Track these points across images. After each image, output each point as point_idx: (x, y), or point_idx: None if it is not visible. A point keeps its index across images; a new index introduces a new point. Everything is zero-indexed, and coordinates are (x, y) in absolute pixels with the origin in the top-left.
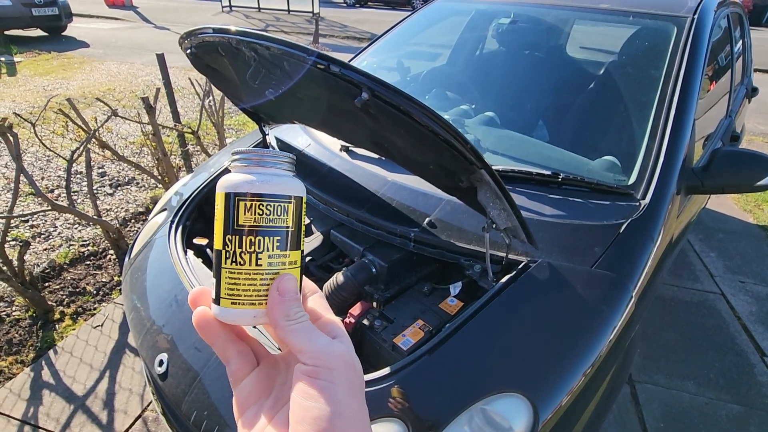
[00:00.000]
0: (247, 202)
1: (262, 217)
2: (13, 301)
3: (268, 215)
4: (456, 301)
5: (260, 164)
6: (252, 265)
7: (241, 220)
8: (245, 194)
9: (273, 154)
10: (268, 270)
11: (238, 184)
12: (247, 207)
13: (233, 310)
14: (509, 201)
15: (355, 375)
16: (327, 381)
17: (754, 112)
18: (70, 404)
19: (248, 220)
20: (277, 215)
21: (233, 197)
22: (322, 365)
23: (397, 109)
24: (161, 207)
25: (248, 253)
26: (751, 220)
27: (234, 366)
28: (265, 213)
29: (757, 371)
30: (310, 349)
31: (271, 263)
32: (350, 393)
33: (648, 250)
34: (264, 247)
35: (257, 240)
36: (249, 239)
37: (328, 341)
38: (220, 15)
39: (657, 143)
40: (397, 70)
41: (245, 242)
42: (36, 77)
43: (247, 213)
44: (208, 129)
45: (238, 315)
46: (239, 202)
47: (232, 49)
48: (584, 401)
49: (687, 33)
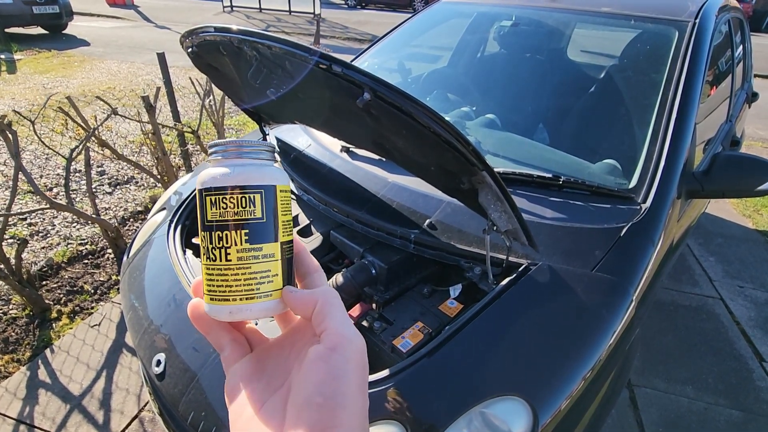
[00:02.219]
0: (211, 197)
1: (227, 210)
2: (10, 300)
3: (233, 208)
4: (456, 304)
5: (226, 155)
6: (222, 261)
7: (209, 216)
8: (209, 189)
9: (238, 144)
10: (238, 265)
11: (205, 179)
12: (212, 202)
13: (213, 305)
14: (510, 203)
15: (364, 371)
16: (339, 370)
17: (754, 117)
18: (66, 404)
19: (215, 215)
20: (242, 207)
21: (202, 193)
22: (340, 351)
23: (399, 110)
24: (160, 206)
25: (218, 249)
26: (751, 224)
27: (227, 352)
28: (229, 206)
29: (756, 376)
30: (336, 331)
31: (241, 257)
32: (357, 387)
33: (648, 254)
34: (231, 241)
35: (224, 235)
36: (216, 234)
37: (356, 331)
38: (221, 15)
39: (658, 147)
40: (398, 72)
41: (214, 238)
42: (36, 75)
43: (213, 208)
44: (209, 128)
45: (218, 311)
46: (206, 198)
47: (233, 48)
48: (584, 405)
49: (688, 37)
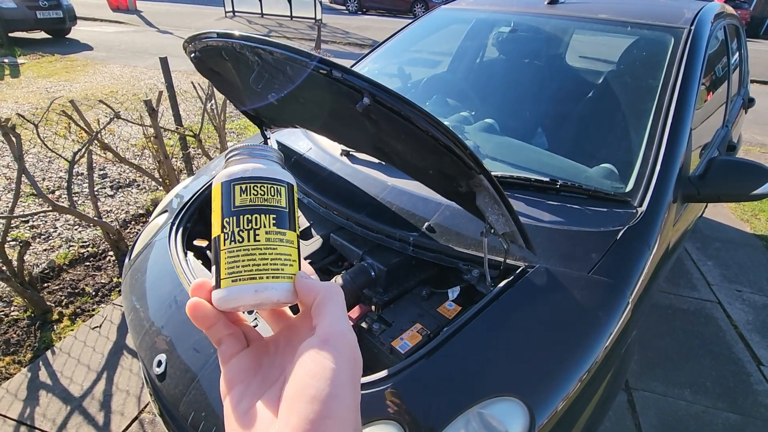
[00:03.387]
0: (242, 185)
1: (257, 196)
2: (12, 301)
3: (263, 195)
4: (454, 306)
5: (252, 155)
6: (250, 241)
7: (237, 202)
8: (240, 179)
9: (262, 147)
10: (266, 245)
11: (233, 172)
12: (243, 189)
13: (234, 287)
14: (507, 206)
15: (356, 364)
16: (331, 362)
17: (751, 123)
18: (67, 405)
19: (244, 200)
20: (271, 195)
21: (229, 184)
22: (332, 343)
23: (398, 114)
24: (162, 209)
25: (246, 231)
26: (748, 229)
27: (224, 347)
28: (260, 193)
29: (754, 380)
30: (329, 325)
31: (269, 239)
32: (349, 379)
33: (644, 257)
34: (261, 223)
35: (254, 217)
36: (246, 218)
37: (349, 327)
38: (223, 20)
39: (654, 152)
40: (398, 77)
41: (242, 221)
42: (39, 79)
43: (243, 195)
44: (210, 132)
45: (240, 292)
46: (235, 187)
47: (235, 53)
48: (580, 406)
49: (684, 44)
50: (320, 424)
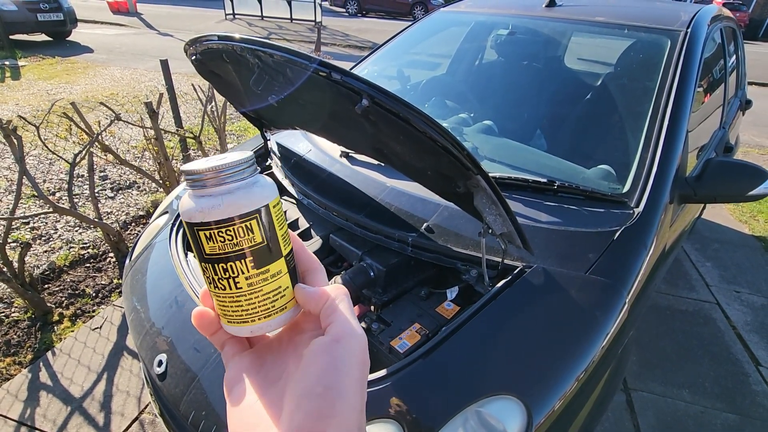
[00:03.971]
0: (206, 232)
1: (226, 243)
2: (13, 303)
3: (231, 240)
4: (452, 306)
5: (209, 184)
6: (232, 289)
7: (207, 250)
8: (200, 224)
9: (219, 170)
10: (250, 291)
11: (192, 213)
12: (208, 237)
13: (230, 327)
14: (505, 207)
15: (364, 366)
16: (341, 362)
17: (750, 125)
18: (67, 406)
19: (213, 248)
20: (241, 237)
21: (193, 228)
22: (343, 343)
23: (396, 116)
24: (162, 210)
25: (225, 279)
26: (747, 230)
27: (227, 348)
28: (227, 239)
29: (752, 380)
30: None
31: (251, 283)
32: (357, 380)
33: (641, 257)
34: (237, 271)
35: (229, 266)
36: (221, 266)
37: (359, 327)
38: (223, 23)
39: (651, 153)
40: (397, 79)
41: (219, 270)
42: (40, 81)
43: (209, 242)
44: (210, 134)
45: (237, 331)
46: (199, 233)
47: (236, 56)
48: (577, 405)
49: (680, 46)
50: (325, 423)
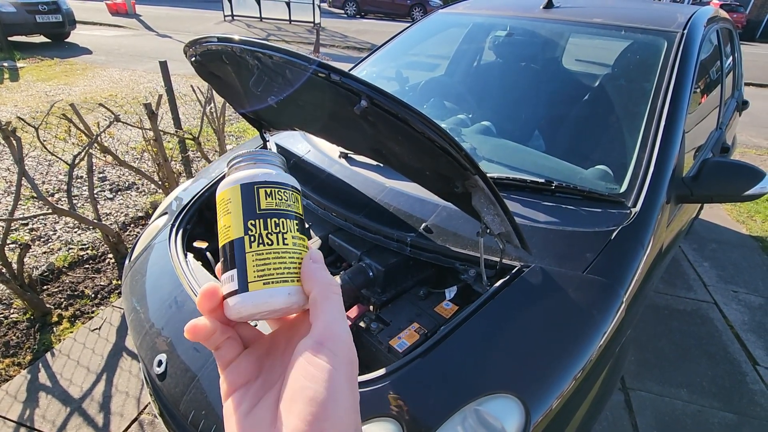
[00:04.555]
0: (267, 189)
1: (282, 202)
2: (12, 304)
3: (286, 201)
4: (451, 305)
5: (265, 161)
6: (280, 244)
7: (263, 205)
8: (264, 183)
9: (273, 154)
10: (294, 250)
11: (256, 175)
12: (268, 193)
13: (266, 290)
14: (503, 207)
15: (353, 366)
16: (329, 363)
17: (747, 126)
18: (67, 407)
19: (270, 204)
20: (292, 202)
21: (252, 186)
22: (328, 345)
23: (395, 117)
24: (162, 211)
25: (275, 234)
26: (744, 230)
27: (222, 351)
28: (284, 199)
29: (750, 380)
30: (326, 325)
31: (295, 243)
32: (346, 380)
33: (638, 257)
34: (288, 228)
35: (281, 222)
36: (274, 221)
37: (345, 327)
38: (222, 24)
39: (647, 153)
40: (396, 80)
41: (270, 224)
42: (38, 83)
43: (268, 198)
44: (209, 135)
45: (272, 294)
46: (259, 190)
47: (235, 57)
48: (575, 404)
49: (677, 47)
50: (318, 427)
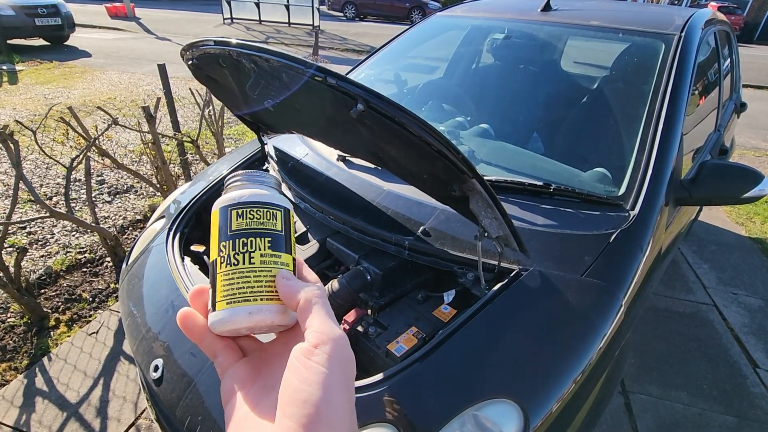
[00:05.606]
0: (238, 210)
1: (253, 220)
2: (9, 308)
3: (258, 218)
4: (449, 309)
5: (249, 181)
6: (245, 264)
7: (234, 226)
8: (237, 204)
9: (260, 174)
10: (261, 268)
11: (231, 198)
12: (239, 214)
13: (229, 310)
14: (500, 210)
15: (348, 367)
16: (322, 366)
17: (745, 127)
18: (63, 411)
19: (240, 224)
20: (266, 219)
21: (226, 209)
22: (322, 347)
23: (392, 120)
24: (159, 214)
25: (241, 253)
26: (743, 232)
27: (221, 358)
28: (256, 217)
29: (750, 382)
30: (318, 329)
31: (264, 261)
32: (340, 382)
33: (637, 260)
34: (256, 246)
35: (249, 240)
36: (241, 241)
37: (338, 328)
38: (221, 27)
39: (646, 156)
40: (394, 83)
41: (238, 244)
42: (37, 86)
43: (239, 219)
44: (208, 138)
45: (234, 314)
46: (231, 212)
47: (232, 60)
48: (574, 408)
49: (674, 50)
50: (313, 428)
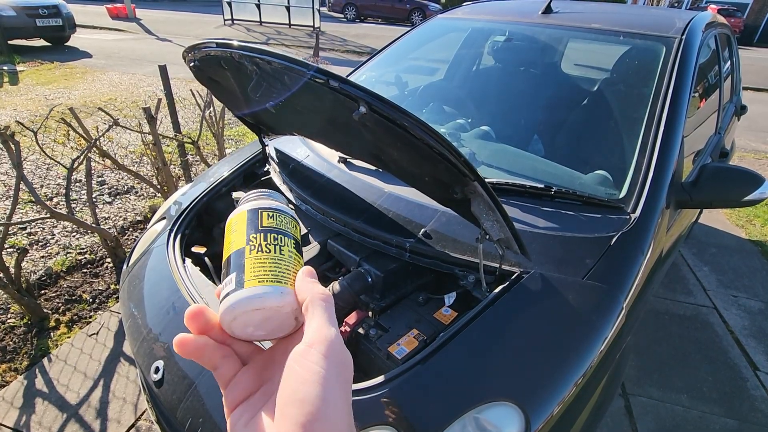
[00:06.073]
0: (269, 212)
1: (282, 223)
2: (9, 309)
3: (285, 223)
4: (450, 311)
5: (272, 197)
6: (276, 253)
7: (265, 223)
8: (267, 208)
9: (279, 195)
10: (289, 260)
11: (261, 203)
12: (269, 215)
13: (261, 286)
14: (502, 212)
15: (343, 366)
16: (317, 364)
17: (746, 130)
18: (63, 413)
19: (271, 223)
20: (290, 227)
21: (258, 211)
22: (318, 347)
23: (393, 123)
24: (160, 215)
25: (272, 245)
26: (744, 235)
27: (221, 370)
28: (283, 221)
29: (750, 385)
30: (314, 329)
31: (291, 256)
32: (338, 380)
33: (638, 262)
34: (285, 243)
35: (279, 236)
36: (272, 235)
37: (334, 329)
38: (222, 28)
39: (647, 158)
40: (395, 85)
41: (269, 237)
42: (38, 86)
43: (269, 219)
44: (208, 139)
45: (266, 291)
46: (262, 213)
47: (234, 62)
48: (576, 411)
49: (675, 53)
50: (311, 427)
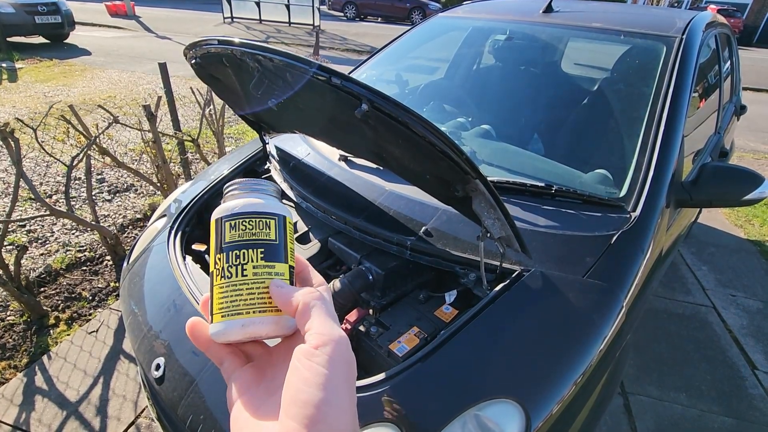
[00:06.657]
0: (231, 222)
1: (245, 231)
2: (8, 306)
3: (251, 229)
4: (451, 309)
5: (245, 190)
6: (238, 276)
7: (227, 238)
8: (230, 215)
9: (255, 182)
10: (254, 280)
11: (225, 209)
12: (232, 226)
13: (223, 323)
14: (503, 211)
15: (348, 367)
16: (323, 367)
17: (745, 130)
18: (63, 410)
19: (233, 236)
20: (259, 229)
21: (221, 221)
22: (323, 348)
23: (396, 121)
24: (160, 213)
25: (234, 266)
26: (742, 234)
27: (226, 365)
28: (248, 228)
29: (749, 384)
30: (318, 330)
31: (257, 273)
32: (342, 382)
33: (638, 261)
34: (248, 258)
35: (241, 253)
36: (234, 253)
37: (338, 329)
38: (221, 26)
39: (647, 158)
40: (395, 83)
41: (231, 257)
42: (37, 84)
43: (231, 231)
44: (208, 137)
45: (228, 327)
46: (225, 224)
47: (236, 60)
48: (575, 409)
49: (675, 52)
50: (315, 428)
